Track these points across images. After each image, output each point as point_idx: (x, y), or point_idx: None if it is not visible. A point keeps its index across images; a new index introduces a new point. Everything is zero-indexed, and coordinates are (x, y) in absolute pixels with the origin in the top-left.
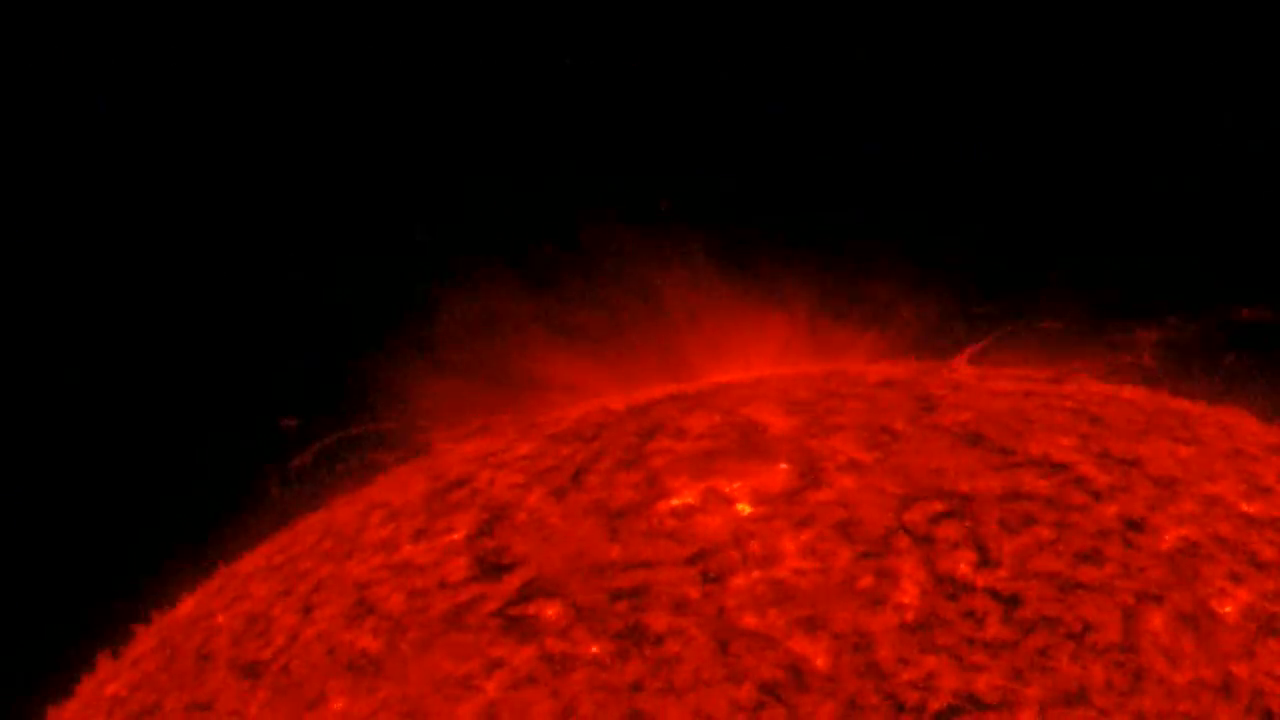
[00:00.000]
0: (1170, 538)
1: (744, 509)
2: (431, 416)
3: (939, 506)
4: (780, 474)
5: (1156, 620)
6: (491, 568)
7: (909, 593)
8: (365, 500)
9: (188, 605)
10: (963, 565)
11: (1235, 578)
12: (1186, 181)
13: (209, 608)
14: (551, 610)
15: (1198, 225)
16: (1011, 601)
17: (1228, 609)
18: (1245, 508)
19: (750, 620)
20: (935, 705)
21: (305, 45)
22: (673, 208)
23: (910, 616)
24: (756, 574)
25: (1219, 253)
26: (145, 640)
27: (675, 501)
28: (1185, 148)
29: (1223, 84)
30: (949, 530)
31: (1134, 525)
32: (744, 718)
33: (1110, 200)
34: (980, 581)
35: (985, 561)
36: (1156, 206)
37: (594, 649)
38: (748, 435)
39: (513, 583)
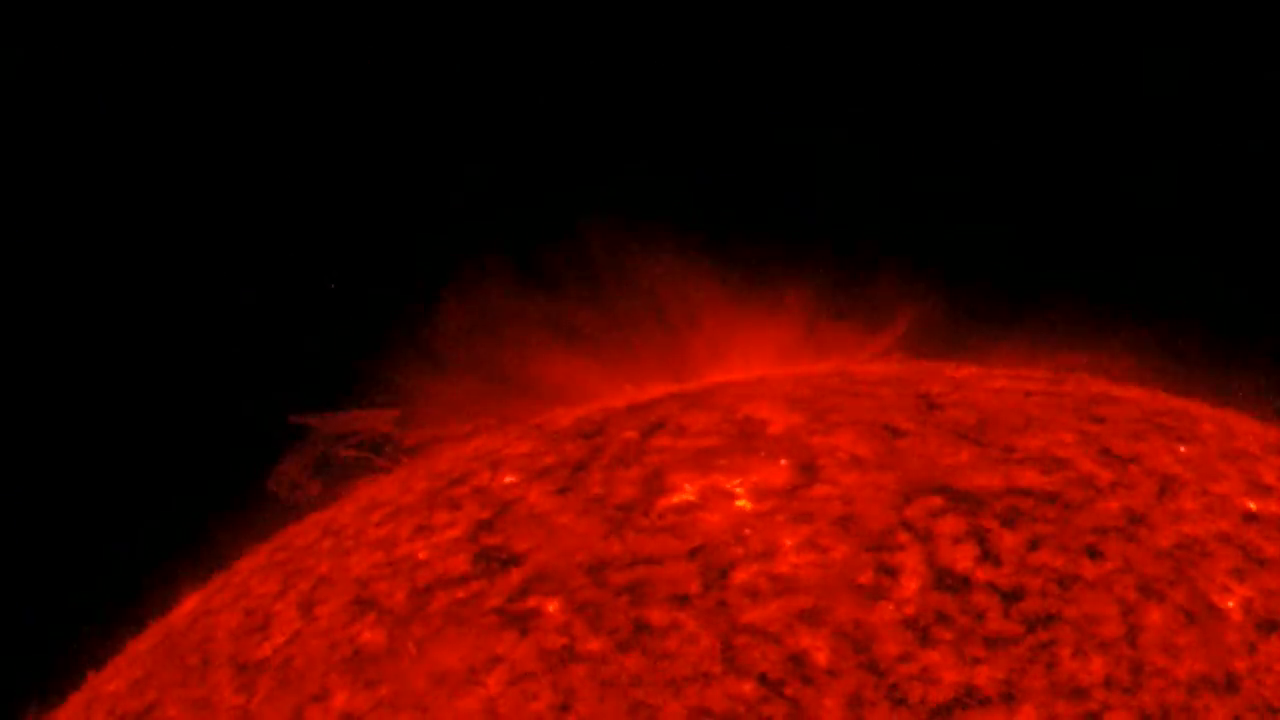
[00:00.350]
0: (1171, 534)
1: (744, 505)
2: (432, 416)
3: (940, 502)
4: (781, 470)
5: (1157, 615)
6: (492, 564)
7: (910, 587)
8: (365, 499)
9: (188, 604)
10: (964, 560)
11: (1237, 574)
12: (1187, 181)
13: (209, 606)
14: (552, 606)
15: (1197, 225)
16: (1012, 596)
17: (1229, 605)
18: (1247, 505)
19: (751, 615)
20: (937, 698)
21: (308, 45)
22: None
23: (911, 611)
24: (757, 569)
25: (1219, 252)
26: (146, 639)
27: (676, 498)
28: (1185, 147)
29: (1223, 84)
30: (950, 525)
31: (1135, 521)
32: (745, 712)
33: (1111, 200)
34: (981, 576)
35: (986, 556)
36: (1157, 206)
37: (594, 644)
38: (748, 432)
39: (513, 579)
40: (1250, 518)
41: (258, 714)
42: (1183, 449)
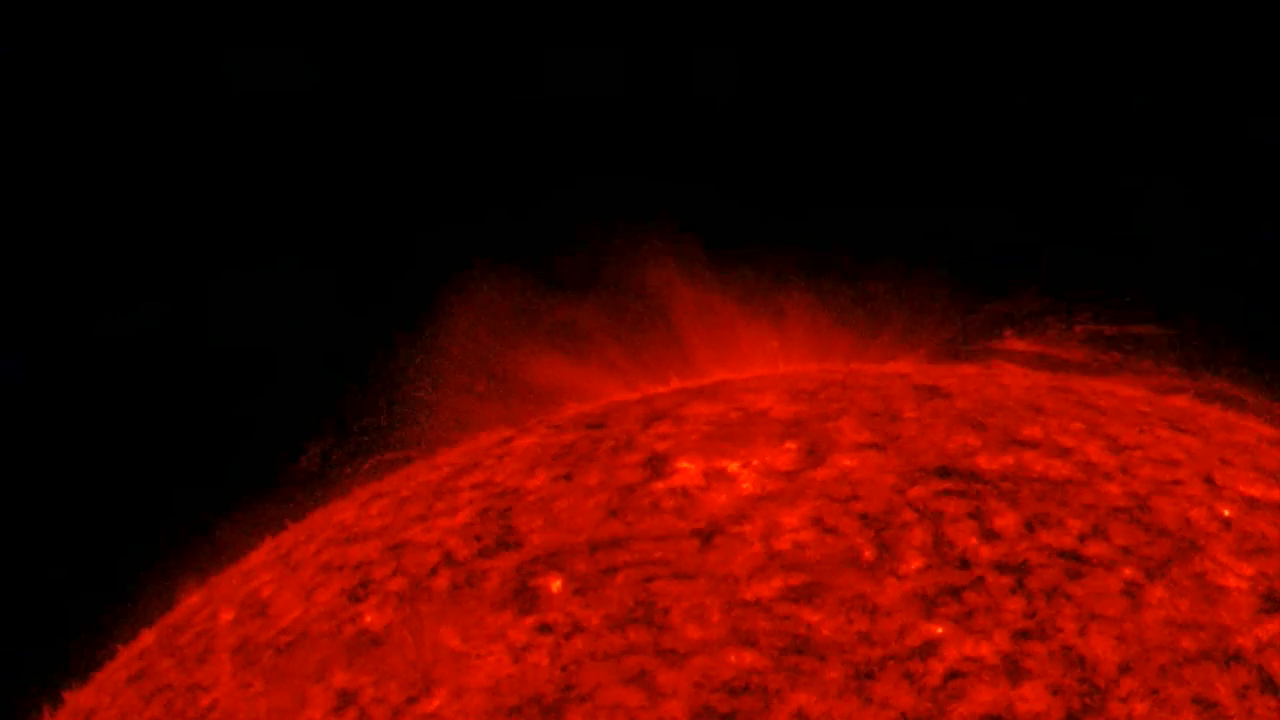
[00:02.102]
0: (1175, 515)
1: (748, 486)
2: (434, 418)
3: (943, 484)
4: (784, 453)
5: (1160, 594)
6: (495, 545)
7: (913, 564)
8: (367, 494)
9: (189, 599)
10: (967, 538)
11: (1241, 556)
12: (1188, 179)
13: (210, 598)
14: (555, 584)
15: (1197, 225)
16: (1016, 574)
17: (1232, 584)
18: (1249, 491)
19: (754, 591)
20: (940, 672)
21: (309, 45)
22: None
23: (914, 586)
24: (760, 547)
25: (1219, 252)
26: (148, 634)
27: (679, 480)
28: (1186, 146)
29: (1224, 83)
30: (953, 506)
31: (1138, 504)
32: (748, 684)
33: (1111, 200)
34: (985, 554)
35: (990, 536)
36: (1156, 206)
37: (597, 620)
38: (752, 419)
39: (515, 558)
40: (1254, 502)
41: (260, 696)
42: (1186, 440)
